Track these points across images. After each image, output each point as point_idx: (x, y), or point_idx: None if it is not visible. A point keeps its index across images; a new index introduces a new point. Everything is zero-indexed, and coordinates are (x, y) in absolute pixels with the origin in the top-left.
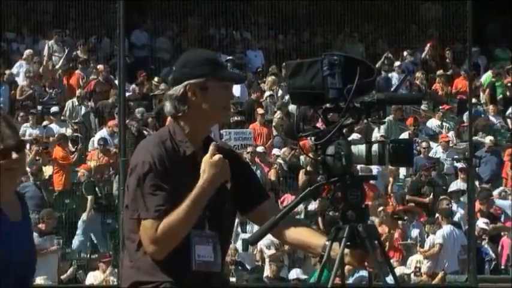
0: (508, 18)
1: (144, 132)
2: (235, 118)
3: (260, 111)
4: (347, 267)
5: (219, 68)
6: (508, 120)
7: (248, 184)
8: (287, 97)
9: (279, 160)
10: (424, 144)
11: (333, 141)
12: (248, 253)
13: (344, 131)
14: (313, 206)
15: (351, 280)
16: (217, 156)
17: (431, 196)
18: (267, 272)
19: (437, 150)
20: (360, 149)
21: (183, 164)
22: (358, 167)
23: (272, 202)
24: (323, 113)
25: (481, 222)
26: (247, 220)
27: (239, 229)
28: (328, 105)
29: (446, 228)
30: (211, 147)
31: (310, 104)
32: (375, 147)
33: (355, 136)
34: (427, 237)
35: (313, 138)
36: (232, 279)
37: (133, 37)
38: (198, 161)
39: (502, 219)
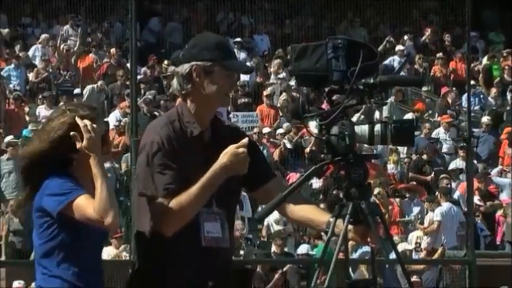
0: (502, 4)
1: (155, 113)
2: (243, 100)
3: (266, 93)
4: (350, 243)
5: (227, 56)
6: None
7: (255, 164)
8: (293, 80)
9: (285, 140)
10: (427, 125)
11: (337, 121)
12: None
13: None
14: (317, 184)
15: (354, 255)
16: (242, 149)
17: (432, 175)
18: (274, 248)
19: (439, 131)
20: (363, 129)
21: (190, 144)
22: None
23: (278, 181)
24: (327, 95)
25: (476, 199)
26: None
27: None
28: (332, 86)
29: (445, 205)
30: (244, 141)
31: (314, 86)
32: (377, 128)
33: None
34: (426, 214)
35: (317, 118)
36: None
37: (148, 23)
38: (205, 141)
39: (501, 197)
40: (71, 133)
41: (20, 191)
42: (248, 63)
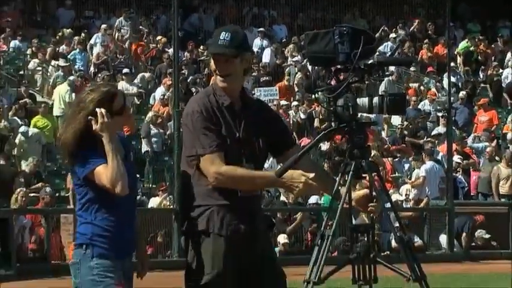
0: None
1: (193, 89)
2: (264, 78)
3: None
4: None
5: (211, 44)
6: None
7: (280, 132)
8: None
9: (300, 111)
10: (413, 98)
11: (342, 95)
12: None
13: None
14: (325, 146)
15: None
16: (304, 178)
17: (425, 138)
18: (290, 199)
19: (425, 103)
20: (363, 101)
21: (223, 112)
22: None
23: (298, 148)
24: (334, 73)
25: (456, 158)
26: None
27: None
28: (338, 66)
29: (429, 164)
30: (311, 175)
31: (324, 66)
32: (375, 100)
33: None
34: (413, 171)
35: (326, 92)
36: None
37: (190, 18)
38: (236, 109)
39: (475, 157)
40: (88, 117)
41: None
42: (268, 49)
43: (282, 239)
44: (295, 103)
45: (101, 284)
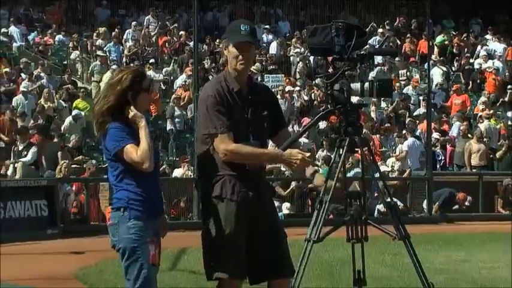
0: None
1: (210, 77)
2: (272, 67)
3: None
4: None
5: (234, 34)
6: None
7: (277, 114)
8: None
9: (302, 95)
10: (397, 84)
11: (338, 80)
12: None
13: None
14: (323, 125)
15: (349, 174)
16: (300, 156)
17: (407, 116)
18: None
19: (408, 88)
20: (356, 86)
21: (233, 96)
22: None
23: (287, 130)
24: (331, 62)
25: (435, 135)
26: None
27: None
28: (335, 56)
29: (410, 140)
30: (306, 154)
31: (323, 56)
32: (366, 85)
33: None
34: (397, 146)
35: (324, 78)
36: None
37: (207, 16)
38: (244, 94)
39: (450, 133)
40: (131, 108)
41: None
42: (275, 42)
43: (285, 208)
44: (297, 88)
45: (137, 242)
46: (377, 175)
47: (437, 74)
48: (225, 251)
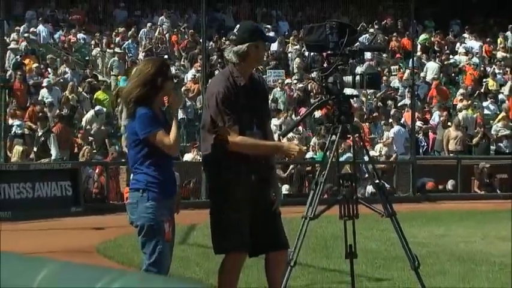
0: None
1: (216, 71)
2: (273, 62)
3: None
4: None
5: (263, 34)
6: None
7: (267, 106)
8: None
9: (298, 86)
10: (384, 77)
11: (332, 73)
12: None
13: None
14: (318, 114)
15: (341, 159)
16: (298, 148)
17: (392, 107)
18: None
19: (395, 81)
20: (348, 78)
21: (239, 91)
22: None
23: (270, 122)
24: (326, 57)
25: (418, 123)
26: None
27: None
28: (329, 52)
29: (396, 127)
30: (303, 149)
31: (318, 52)
32: (357, 78)
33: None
34: (384, 133)
35: (319, 72)
36: None
37: (214, 16)
38: (248, 87)
39: (431, 122)
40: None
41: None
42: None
43: (284, 189)
44: (295, 81)
45: (153, 220)
46: (366, 159)
47: (431, 68)
48: (231, 229)
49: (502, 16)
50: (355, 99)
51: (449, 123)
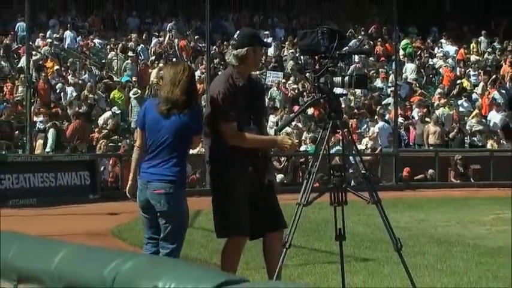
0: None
1: (219, 72)
2: (272, 64)
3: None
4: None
5: (261, 40)
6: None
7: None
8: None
9: (293, 86)
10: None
11: (323, 74)
12: None
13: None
14: (310, 111)
15: (332, 151)
16: (291, 142)
17: (379, 106)
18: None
19: (378, 81)
20: (338, 79)
21: (238, 90)
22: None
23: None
24: (318, 60)
25: (400, 119)
26: None
27: None
28: (321, 55)
29: (381, 123)
30: (295, 143)
31: (311, 55)
32: (346, 78)
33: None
34: (370, 128)
35: (312, 73)
36: None
37: (217, 23)
38: (246, 87)
39: (412, 118)
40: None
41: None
42: (272, 44)
43: (280, 178)
44: (290, 81)
45: (180, 206)
46: (355, 151)
47: (410, 69)
48: (232, 215)
49: (475, 24)
50: (344, 97)
51: (427, 119)
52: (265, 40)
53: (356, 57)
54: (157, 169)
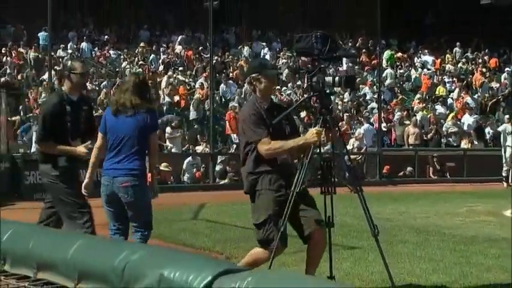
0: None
1: (221, 80)
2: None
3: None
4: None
5: (263, 68)
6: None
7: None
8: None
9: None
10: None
11: (316, 74)
12: None
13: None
14: (302, 114)
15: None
16: (315, 131)
17: (365, 110)
18: None
19: (365, 88)
20: (329, 78)
21: (265, 113)
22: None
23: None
24: (312, 61)
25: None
26: None
27: None
28: (314, 57)
29: (366, 125)
30: (319, 131)
31: (305, 56)
32: (336, 78)
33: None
34: (356, 129)
35: (306, 73)
36: None
37: (219, 36)
38: (269, 109)
39: (393, 121)
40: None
41: None
42: (268, 55)
43: None
44: (285, 88)
45: (145, 195)
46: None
47: (389, 76)
48: (272, 227)
49: (451, 36)
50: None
51: (406, 122)
52: (264, 49)
53: (344, 66)
54: (121, 164)
